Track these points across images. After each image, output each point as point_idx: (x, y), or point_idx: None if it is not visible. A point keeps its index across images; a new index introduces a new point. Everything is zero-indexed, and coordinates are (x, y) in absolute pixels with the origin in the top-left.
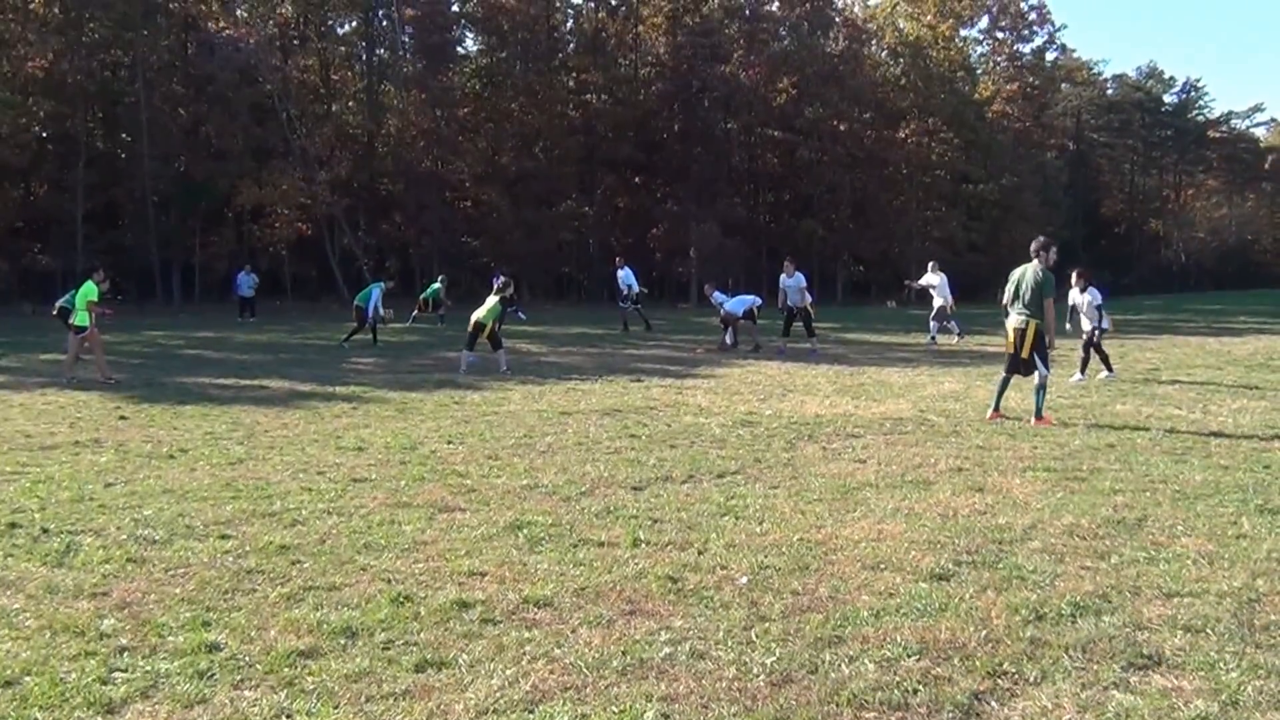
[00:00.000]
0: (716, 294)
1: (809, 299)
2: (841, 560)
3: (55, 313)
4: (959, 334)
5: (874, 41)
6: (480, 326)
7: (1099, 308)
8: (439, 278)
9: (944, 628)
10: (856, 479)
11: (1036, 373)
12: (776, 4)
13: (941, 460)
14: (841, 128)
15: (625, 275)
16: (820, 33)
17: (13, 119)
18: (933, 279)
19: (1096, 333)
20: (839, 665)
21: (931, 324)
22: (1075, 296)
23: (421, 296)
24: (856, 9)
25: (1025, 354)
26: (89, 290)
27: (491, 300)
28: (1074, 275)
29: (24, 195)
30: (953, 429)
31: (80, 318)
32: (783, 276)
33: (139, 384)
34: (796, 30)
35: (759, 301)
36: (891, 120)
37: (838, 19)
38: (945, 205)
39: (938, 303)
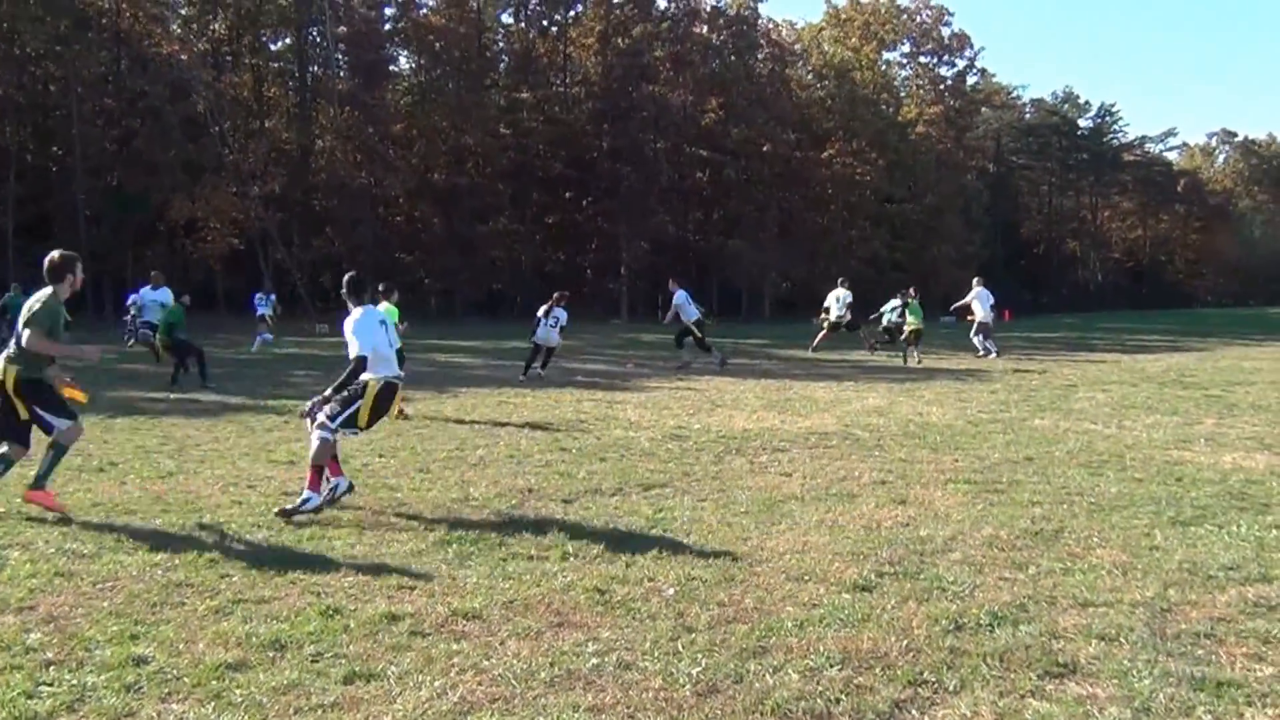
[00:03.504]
0: (680, 293)
1: (694, 314)
2: (767, 572)
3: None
4: (986, 352)
5: (800, 63)
6: None
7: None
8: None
9: (866, 638)
10: (782, 492)
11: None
12: (705, 26)
13: (865, 473)
14: (767, 148)
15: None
16: (747, 55)
17: None
18: (974, 295)
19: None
20: (764, 675)
21: (976, 339)
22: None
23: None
24: (784, 31)
25: None
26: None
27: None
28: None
29: None
30: (876, 443)
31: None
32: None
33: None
34: (723, 52)
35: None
36: (817, 141)
37: (763, 40)
38: (870, 224)
39: (980, 318)
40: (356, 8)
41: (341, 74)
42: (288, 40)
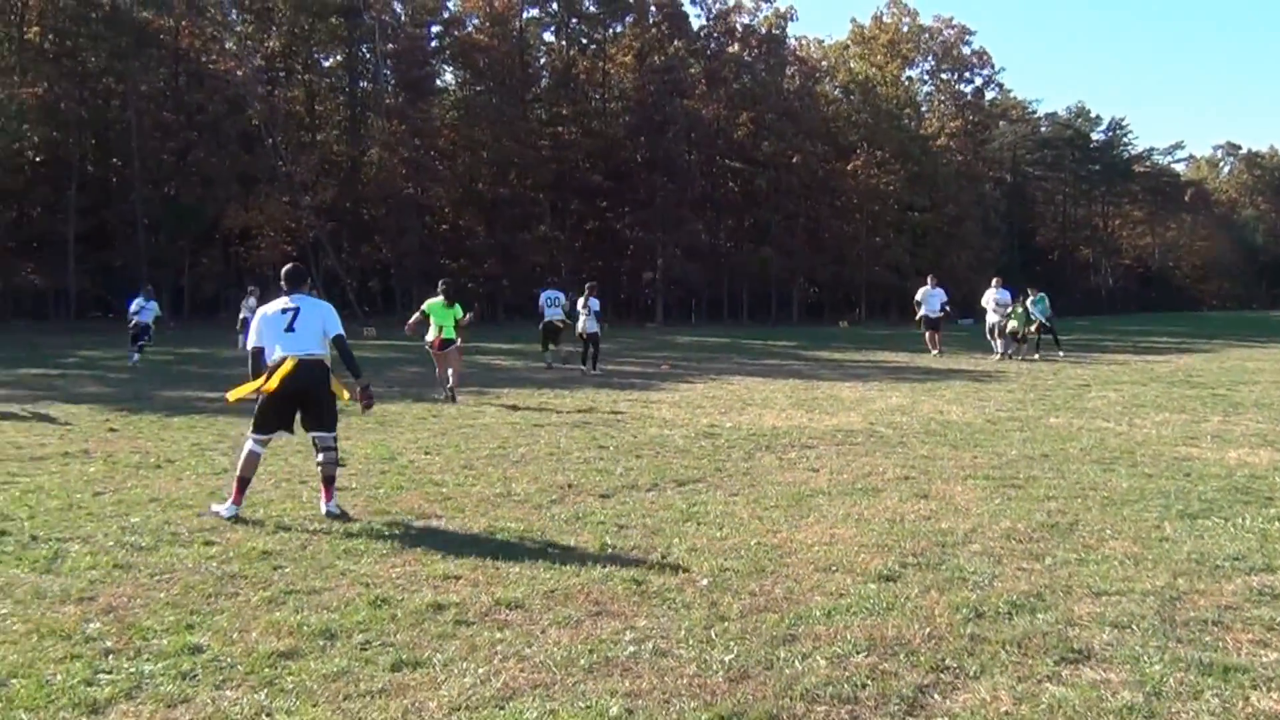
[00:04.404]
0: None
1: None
2: (796, 563)
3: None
4: (1002, 354)
5: (827, 79)
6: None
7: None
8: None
9: (891, 626)
10: (810, 487)
11: None
12: (737, 45)
13: (889, 469)
14: (796, 159)
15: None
16: (777, 71)
17: (6, 144)
18: (991, 297)
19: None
20: (793, 662)
21: (998, 341)
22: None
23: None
24: (812, 49)
25: None
26: (455, 312)
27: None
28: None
29: (17, 217)
30: (900, 440)
31: (449, 331)
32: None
33: (128, 397)
34: (754, 68)
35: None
36: (843, 153)
37: (792, 59)
38: (893, 232)
39: (993, 319)
40: (404, 26)
41: (390, 89)
42: (338, 57)
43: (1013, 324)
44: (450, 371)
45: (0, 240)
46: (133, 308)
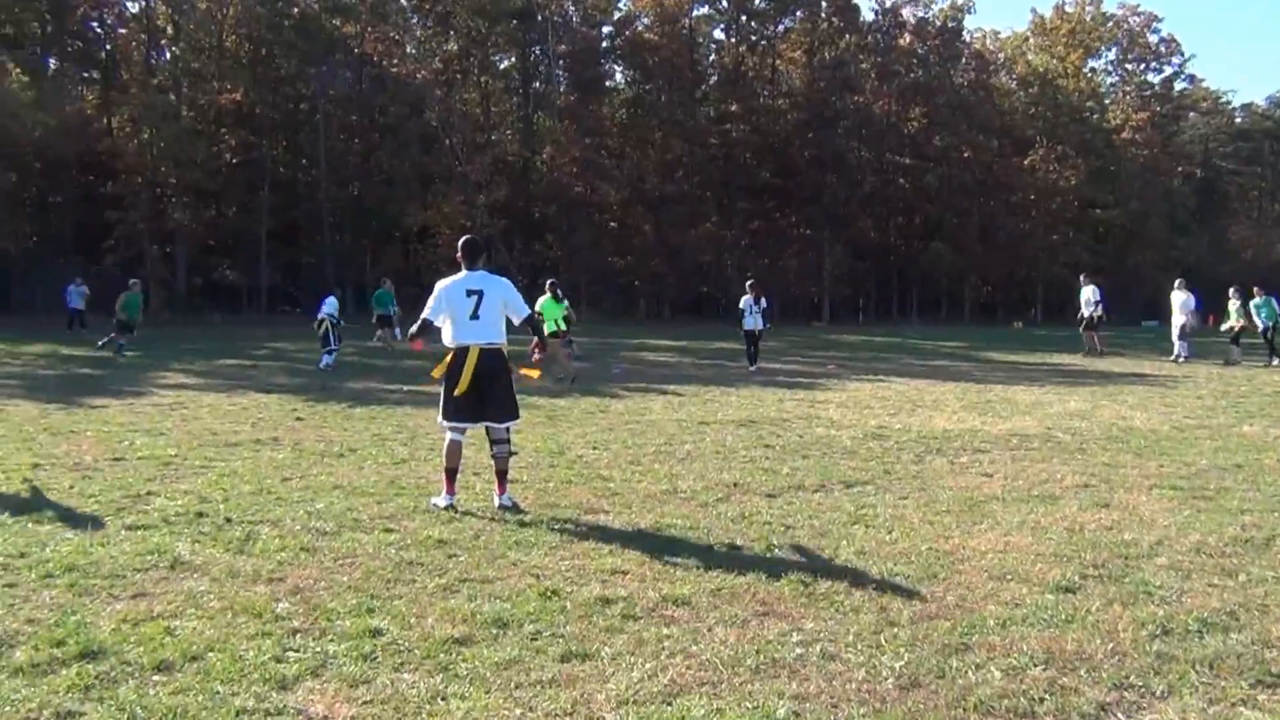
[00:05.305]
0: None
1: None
2: (968, 570)
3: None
4: (1178, 357)
5: (1003, 72)
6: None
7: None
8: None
9: (1070, 639)
10: (983, 492)
11: None
12: (908, 38)
13: (1067, 476)
14: (969, 154)
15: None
16: (950, 64)
17: (206, 147)
18: (1178, 297)
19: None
20: (966, 672)
21: (1178, 343)
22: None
23: (380, 312)
24: (987, 41)
25: None
26: (562, 308)
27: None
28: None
29: (215, 216)
30: (1078, 446)
31: (551, 326)
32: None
33: (314, 388)
34: (926, 62)
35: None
36: (1019, 147)
37: (967, 51)
38: (1071, 229)
39: (1178, 320)
40: (577, 27)
41: (562, 89)
42: (513, 59)
43: (1229, 323)
44: (564, 356)
45: (200, 238)
46: (326, 308)
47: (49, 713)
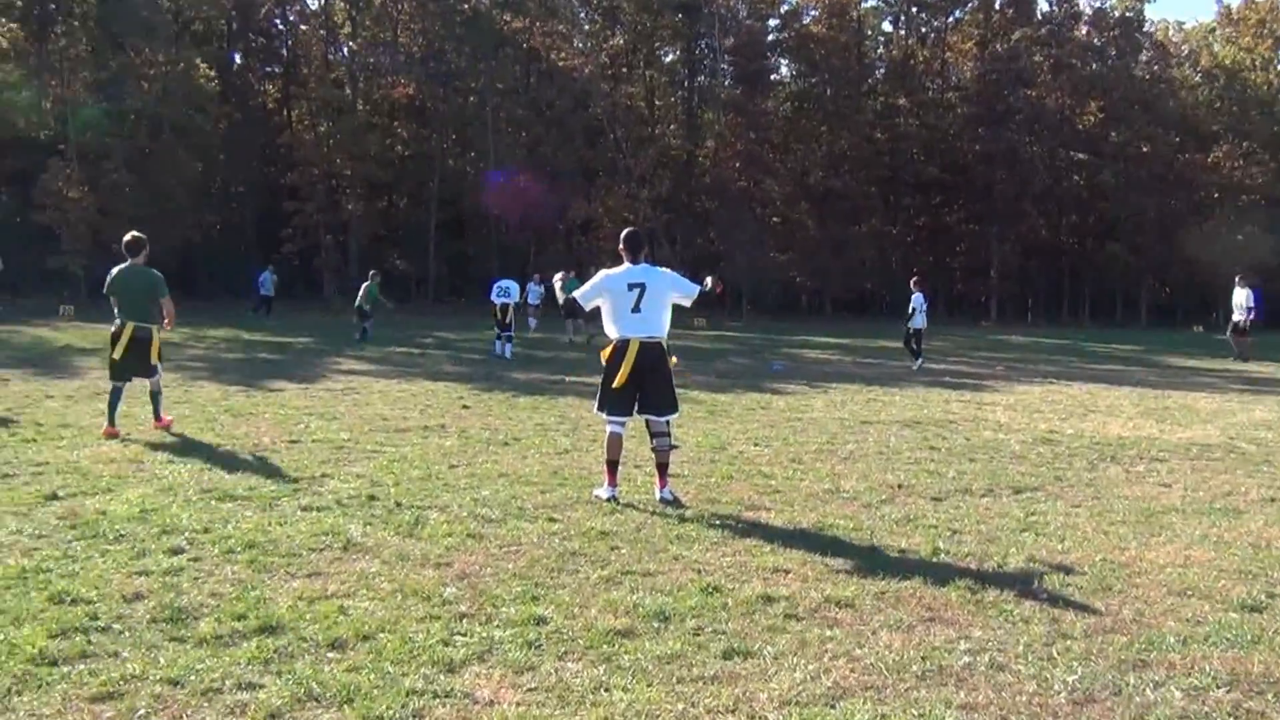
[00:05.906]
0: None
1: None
2: (1146, 584)
3: None
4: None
5: (1186, 64)
6: None
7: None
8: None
9: (1256, 660)
10: (1161, 503)
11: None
12: (1085, 29)
13: (1253, 489)
14: (1147, 150)
15: (1246, 296)
16: (1129, 56)
17: (379, 140)
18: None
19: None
20: (1144, 690)
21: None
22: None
23: (358, 305)
24: (1170, 32)
25: None
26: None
27: None
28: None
29: (386, 207)
30: (1265, 458)
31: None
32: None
33: (480, 377)
34: (1104, 54)
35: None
36: (1202, 143)
37: (1147, 43)
38: (1259, 229)
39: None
40: (743, 20)
41: (726, 83)
42: (678, 52)
43: None
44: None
45: (373, 228)
46: (515, 295)
47: (231, 683)
